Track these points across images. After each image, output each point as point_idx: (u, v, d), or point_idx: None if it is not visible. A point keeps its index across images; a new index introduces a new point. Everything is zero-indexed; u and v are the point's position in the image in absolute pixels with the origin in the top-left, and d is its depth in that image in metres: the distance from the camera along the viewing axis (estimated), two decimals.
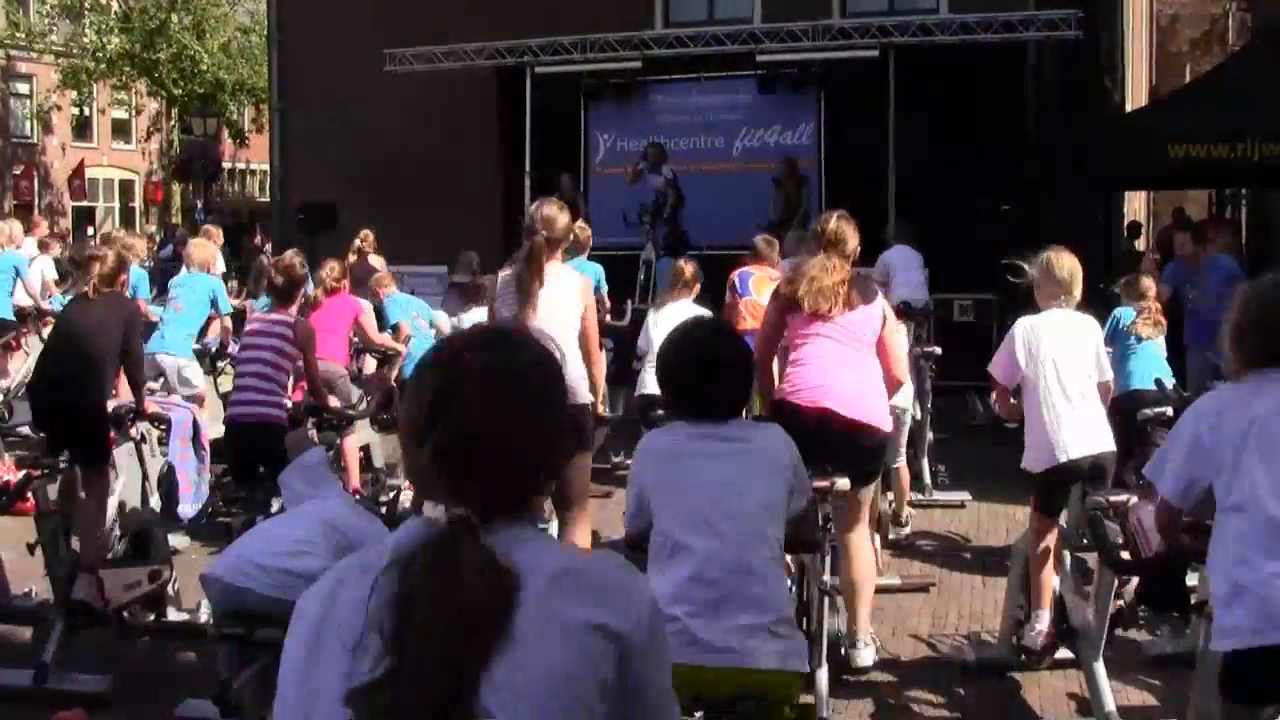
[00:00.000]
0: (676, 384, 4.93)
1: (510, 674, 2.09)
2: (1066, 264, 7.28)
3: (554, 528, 8.01)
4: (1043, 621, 7.12)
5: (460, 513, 2.18)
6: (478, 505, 2.20)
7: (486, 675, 2.08)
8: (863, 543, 7.26)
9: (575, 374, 7.45)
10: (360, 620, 2.15)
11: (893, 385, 7.40)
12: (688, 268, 11.03)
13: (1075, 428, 6.98)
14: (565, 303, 7.58)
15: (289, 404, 8.91)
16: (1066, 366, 7.04)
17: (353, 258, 14.57)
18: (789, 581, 5.69)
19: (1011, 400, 7.30)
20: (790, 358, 7.17)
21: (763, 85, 21.47)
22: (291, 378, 9.01)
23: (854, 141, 19.37)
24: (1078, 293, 7.28)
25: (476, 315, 11.48)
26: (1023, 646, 7.25)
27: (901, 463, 10.21)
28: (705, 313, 10.49)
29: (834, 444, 6.69)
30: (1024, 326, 7.16)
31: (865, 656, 7.18)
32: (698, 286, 10.97)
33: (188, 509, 10.14)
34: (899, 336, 7.81)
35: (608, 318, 13.48)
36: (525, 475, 2.31)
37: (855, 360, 7.06)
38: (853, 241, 7.35)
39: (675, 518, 4.62)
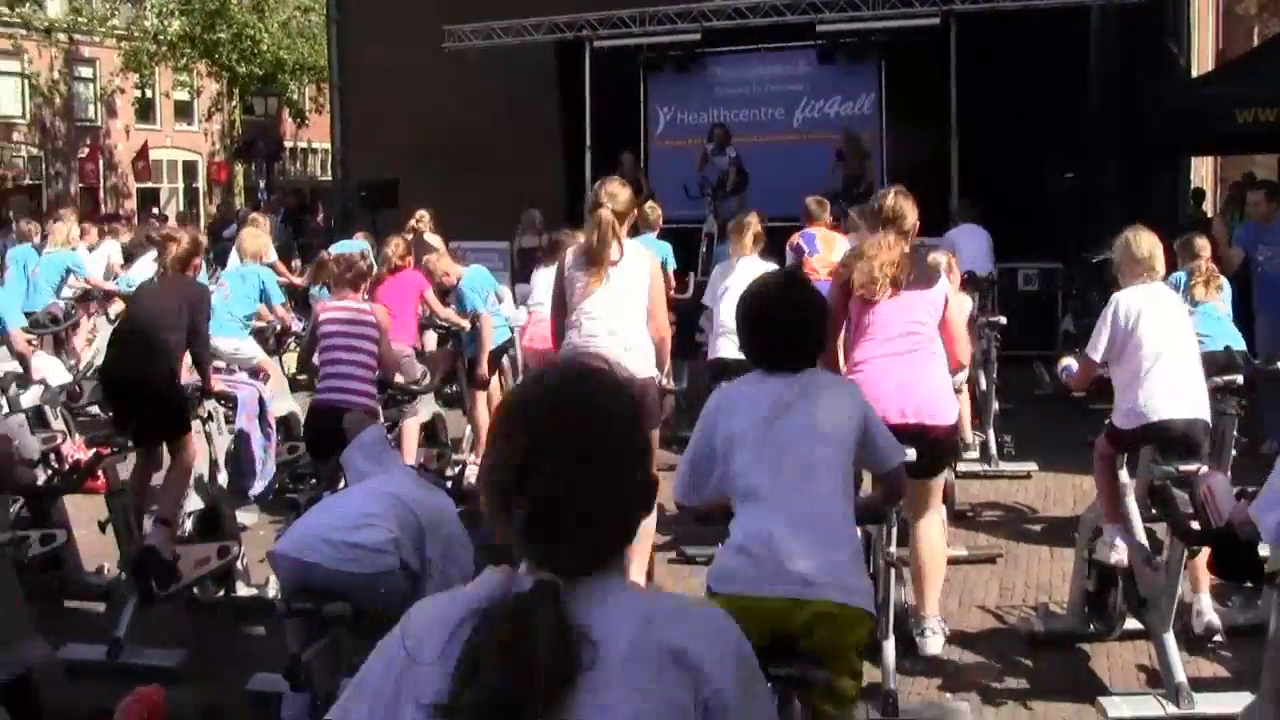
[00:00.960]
0: (752, 335, 4.94)
1: None
2: (1145, 243, 7.21)
3: None
4: (1117, 539, 7.07)
5: (543, 577, 2.17)
6: (562, 565, 2.19)
7: None
8: (933, 528, 7.19)
9: (642, 349, 7.49)
10: (434, 685, 2.14)
11: (956, 369, 7.34)
12: (754, 226, 10.91)
13: (1171, 390, 6.93)
14: (634, 278, 7.56)
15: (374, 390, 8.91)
16: (1164, 333, 6.98)
17: (409, 237, 14.59)
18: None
19: (1098, 371, 7.24)
20: (848, 356, 7.10)
21: (823, 56, 21.38)
22: (376, 365, 9.00)
23: (915, 111, 19.24)
24: (1160, 268, 7.22)
25: (547, 275, 11.44)
26: (1097, 562, 7.20)
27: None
28: (775, 267, 10.45)
29: None
30: (1120, 301, 7.09)
31: (933, 644, 7.11)
32: (764, 241, 10.87)
33: (255, 485, 10.22)
34: (962, 316, 7.68)
35: (672, 292, 13.49)
36: (610, 534, 2.28)
37: (910, 354, 6.97)
38: (911, 217, 7.25)
39: (748, 461, 4.61)
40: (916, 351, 6.96)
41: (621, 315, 7.47)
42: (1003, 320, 11.71)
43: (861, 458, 4.80)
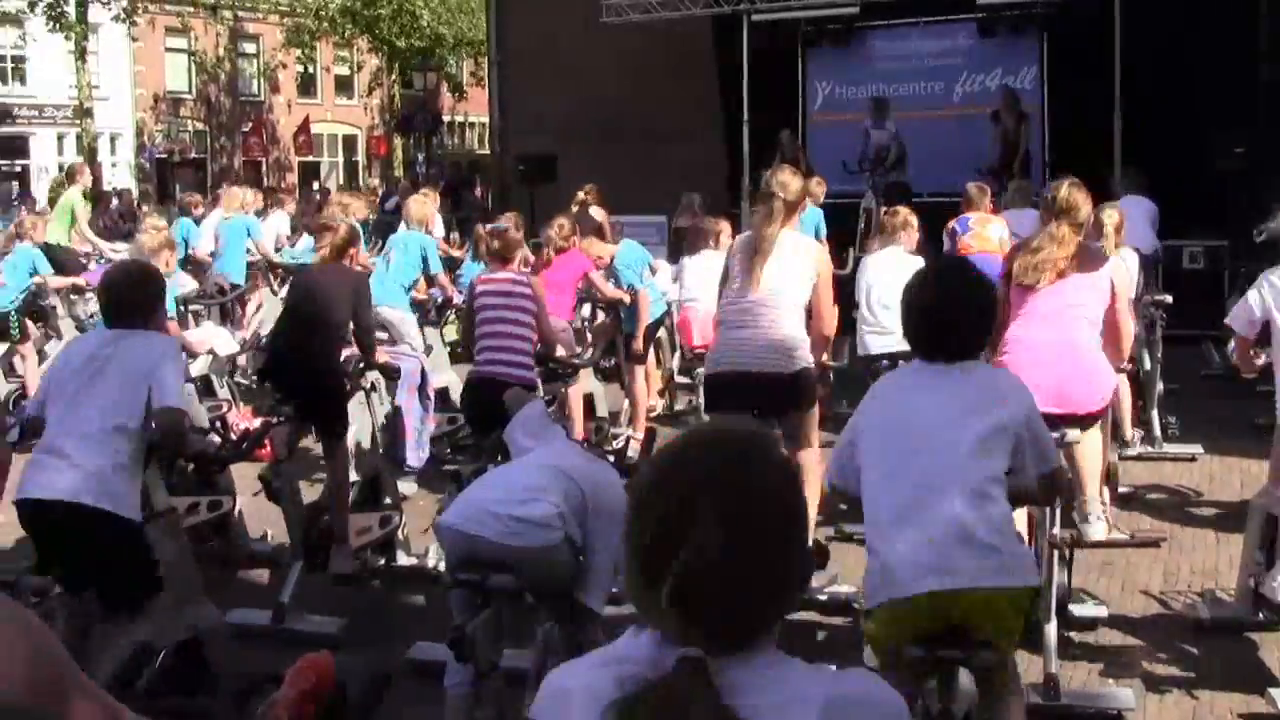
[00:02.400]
0: (912, 326, 4.90)
1: None
2: None
3: None
4: None
5: (693, 654, 2.00)
6: (712, 642, 2.03)
7: None
8: (1094, 436, 7.14)
9: (800, 339, 7.49)
10: None
11: (1117, 357, 7.27)
12: (896, 216, 10.84)
13: None
14: (797, 268, 7.54)
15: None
16: None
17: (574, 209, 14.65)
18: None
19: (1253, 352, 7.10)
20: (1000, 345, 7.04)
21: (983, 28, 21.12)
22: (534, 337, 9.05)
23: (1078, 85, 18.89)
24: None
25: (704, 261, 11.47)
26: (1262, 598, 7.03)
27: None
28: (919, 260, 10.37)
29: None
30: (1267, 278, 6.94)
31: (1096, 529, 7.11)
32: (910, 233, 10.77)
33: (412, 456, 10.34)
34: (1125, 304, 7.52)
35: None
36: (766, 609, 2.13)
37: (1062, 336, 6.91)
38: (1085, 209, 7.23)
39: (897, 447, 4.59)
40: (1069, 333, 6.91)
41: (783, 306, 7.46)
42: (1168, 298, 11.45)
43: (1019, 456, 4.72)
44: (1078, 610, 7.36)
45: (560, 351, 9.55)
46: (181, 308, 14.19)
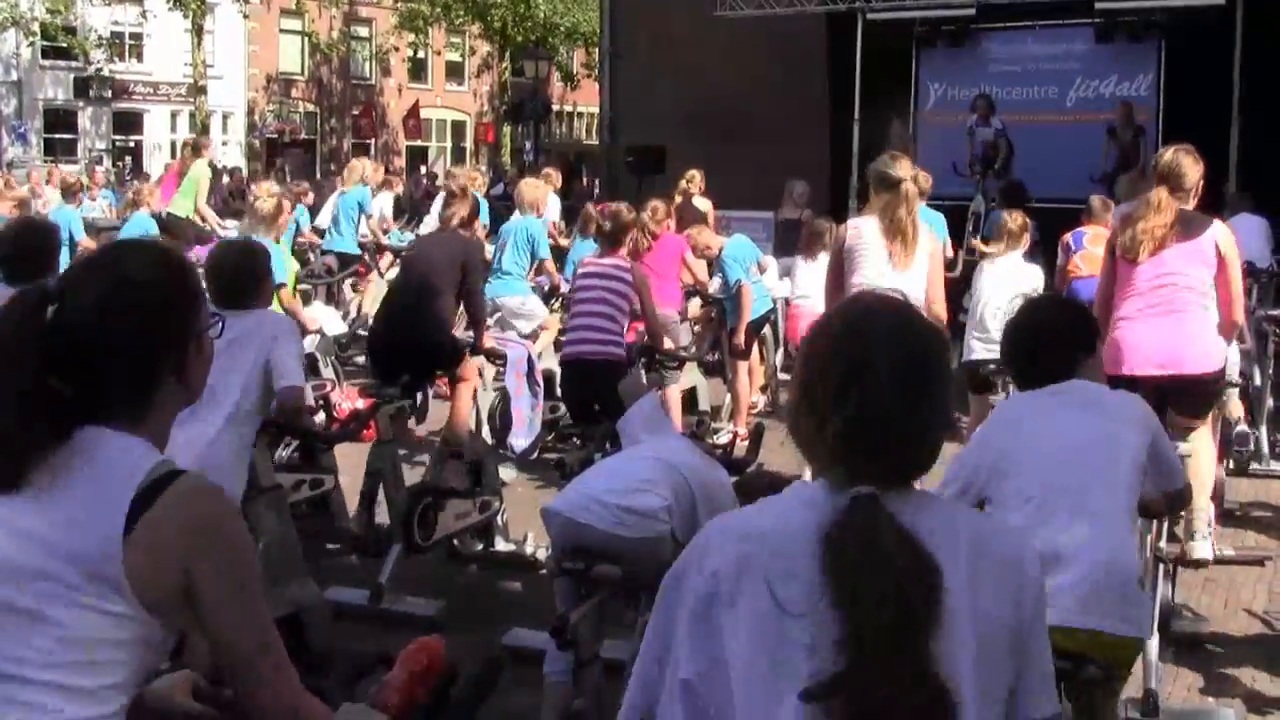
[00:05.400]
0: (1010, 357, 4.91)
1: (948, 639, 2.17)
2: None
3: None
4: None
5: (867, 491, 2.26)
6: (878, 480, 2.29)
7: (934, 644, 2.14)
8: (1203, 448, 7.08)
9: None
10: (780, 612, 2.23)
11: (1229, 328, 7.14)
12: (1015, 220, 10.73)
13: None
14: (920, 260, 7.49)
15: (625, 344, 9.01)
16: None
17: (678, 199, 14.65)
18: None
19: None
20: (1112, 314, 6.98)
21: (1100, 34, 20.81)
22: (626, 320, 9.08)
23: (1195, 94, 18.56)
24: None
25: (820, 265, 11.32)
26: None
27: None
28: (1035, 268, 10.28)
29: (1156, 401, 6.48)
30: None
31: (1203, 549, 7.13)
32: (1026, 238, 10.66)
33: (520, 443, 10.34)
34: (1236, 272, 7.37)
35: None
36: (924, 450, 2.39)
37: (1166, 305, 6.86)
38: (1192, 175, 7.07)
39: (1020, 481, 4.50)
40: (1174, 301, 6.86)
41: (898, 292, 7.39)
42: None
43: (1148, 476, 4.67)
44: (1180, 626, 7.28)
45: (667, 344, 9.56)
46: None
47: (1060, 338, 4.81)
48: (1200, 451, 6.97)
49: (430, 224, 15.63)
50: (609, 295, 8.70)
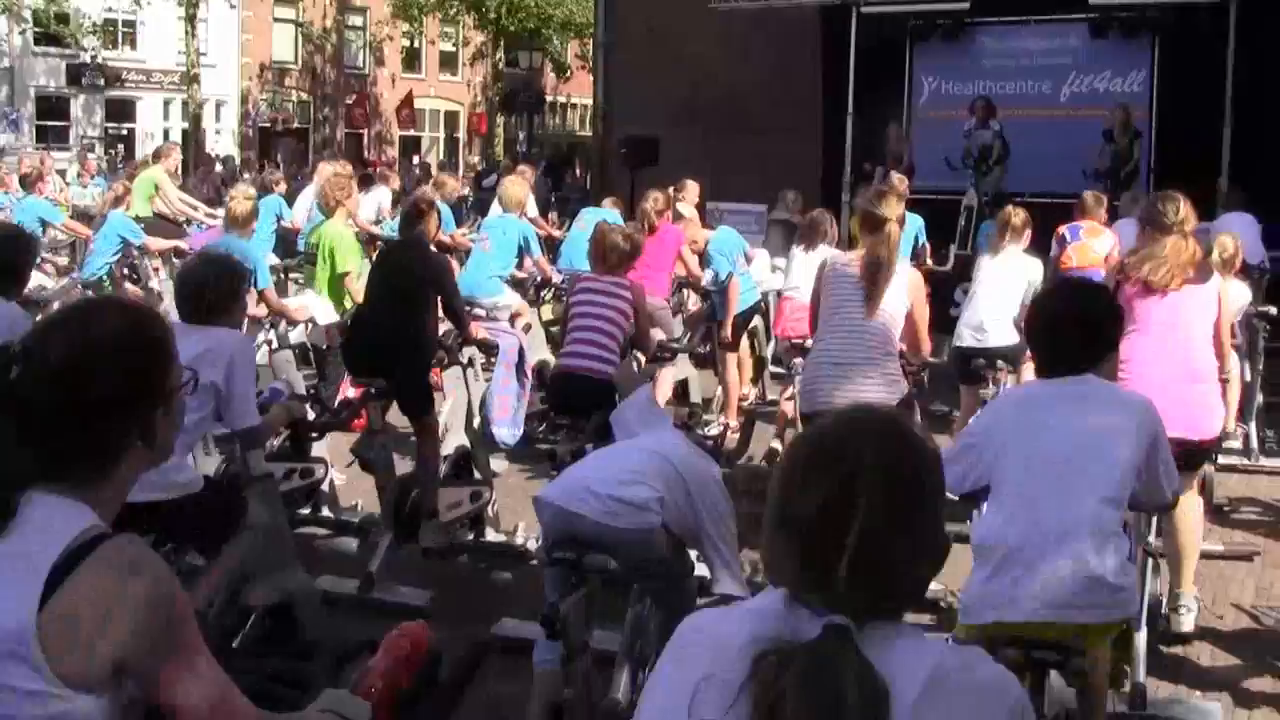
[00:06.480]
0: (1033, 341, 4.95)
1: None
2: None
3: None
4: None
5: (839, 622, 2.05)
6: (855, 610, 2.09)
7: None
8: (1190, 508, 7.05)
9: (892, 371, 7.33)
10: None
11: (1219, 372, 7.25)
12: (1017, 215, 10.71)
13: None
14: (893, 301, 7.44)
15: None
16: None
17: (671, 193, 14.63)
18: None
19: None
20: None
21: (1095, 29, 20.84)
22: (623, 337, 9.00)
23: (1189, 90, 18.60)
24: None
25: (816, 256, 11.30)
26: None
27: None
28: (1035, 261, 10.29)
29: None
30: None
31: (1186, 622, 7.08)
32: (1028, 234, 10.63)
33: (504, 433, 10.32)
34: (1229, 319, 7.52)
35: (929, 262, 13.42)
36: (910, 580, 2.21)
37: (1180, 358, 6.90)
38: (1193, 220, 7.30)
39: (1009, 467, 4.57)
40: (1189, 360, 6.93)
41: (872, 335, 7.32)
42: (1272, 310, 11.32)
43: (1141, 477, 4.70)
44: (1167, 621, 7.30)
45: (659, 336, 9.53)
46: (281, 276, 14.34)
47: (1100, 331, 4.89)
48: (1187, 511, 6.98)
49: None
50: (611, 313, 8.57)
